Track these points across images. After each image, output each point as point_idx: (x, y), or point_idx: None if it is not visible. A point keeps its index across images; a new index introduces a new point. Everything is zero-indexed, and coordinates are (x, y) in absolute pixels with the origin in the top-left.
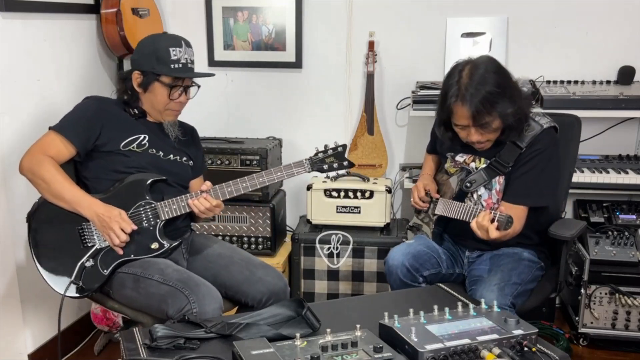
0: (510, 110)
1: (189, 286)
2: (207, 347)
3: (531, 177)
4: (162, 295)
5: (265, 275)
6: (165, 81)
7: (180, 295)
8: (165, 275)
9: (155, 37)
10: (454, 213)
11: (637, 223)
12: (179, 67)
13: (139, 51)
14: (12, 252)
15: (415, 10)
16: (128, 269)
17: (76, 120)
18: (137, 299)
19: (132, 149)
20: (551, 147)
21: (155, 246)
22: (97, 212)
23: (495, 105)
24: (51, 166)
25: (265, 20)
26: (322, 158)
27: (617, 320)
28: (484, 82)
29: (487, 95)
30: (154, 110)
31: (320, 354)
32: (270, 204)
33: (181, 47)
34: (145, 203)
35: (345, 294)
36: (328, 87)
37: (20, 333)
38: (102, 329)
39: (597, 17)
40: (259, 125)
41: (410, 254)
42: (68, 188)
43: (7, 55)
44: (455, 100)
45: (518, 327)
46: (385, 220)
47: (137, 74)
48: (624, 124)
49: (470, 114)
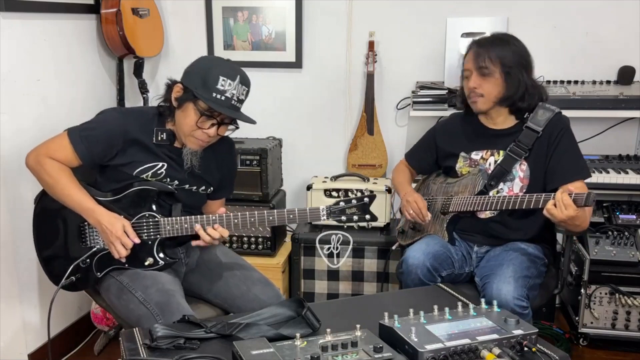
0: (513, 65)
1: (164, 314)
2: (207, 347)
3: (572, 153)
4: (139, 316)
5: (261, 293)
6: (201, 106)
7: (153, 321)
8: (147, 295)
9: (215, 61)
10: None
11: (637, 223)
12: (221, 100)
13: (194, 66)
14: (12, 252)
15: (415, 10)
16: (117, 275)
17: (95, 136)
18: (118, 308)
19: (146, 177)
20: (569, 127)
21: (150, 262)
22: (100, 222)
23: (502, 56)
24: (58, 167)
25: (265, 20)
26: (342, 208)
27: (617, 320)
28: (503, 40)
29: (499, 43)
30: (180, 131)
31: (320, 354)
32: (270, 204)
33: (234, 80)
34: (149, 215)
35: (345, 294)
36: (328, 87)
37: (20, 333)
38: (102, 329)
39: (597, 17)
40: (259, 125)
41: (431, 254)
42: (73, 191)
43: (7, 55)
44: (472, 45)
45: (518, 327)
46: (385, 220)
47: (179, 87)
48: (624, 124)
49: (474, 54)
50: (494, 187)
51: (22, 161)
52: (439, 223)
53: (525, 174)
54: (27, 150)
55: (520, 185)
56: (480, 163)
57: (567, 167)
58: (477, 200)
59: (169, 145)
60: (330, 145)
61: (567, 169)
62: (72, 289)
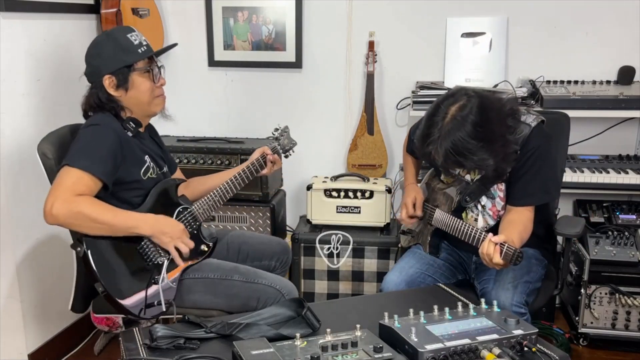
0: (487, 162)
1: (274, 282)
2: (207, 347)
3: (531, 176)
4: (248, 296)
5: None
6: (142, 66)
7: (271, 290)
8: (244, 275)
9: (106, 36)
10: (452, 230)
11: (637, 223)
12: (146, 50)
13: (97, 56)
14: (12, 252)
15: (415, 10)
16: (194, 274)
17: (100, 154)
18: (213, 301)
19: (150, 176)
20: (544, 143)
21: (205, 248)
22: (159, 227)
23: (467, 158)
24: (90, 203)
25: (265, 20)
26: (277, 144)
27: (617, 320)
28: (461, 133)
29: (460, 149)
30: (142, 106)
31: (320, 354)
32: (270, 204)
33: (134, 31)
34: (183, 209)
35: (345, 294)
36: (328, 87)
37: (20, 333)
38: (102, 329)
39: (597, 17)
40: (259, 125)
41: (404, 282)
42: (118, 216)
43: (7, 55)
44: (430, 147)
45: (518, 327)
46: (385, 220)
47: (108, 78)
48: (624, 124)
49: (440, 163)
50: (469, 202)
51: (22, 161)
52: (426, 233)
53: (504, 193)
54: (27, 150)
55: (502, 204)
56: (458, 176)
57: (522, 190)
58: (451, 223)
59: (138, 134)
60: (330, 145)
61: (522, 192)
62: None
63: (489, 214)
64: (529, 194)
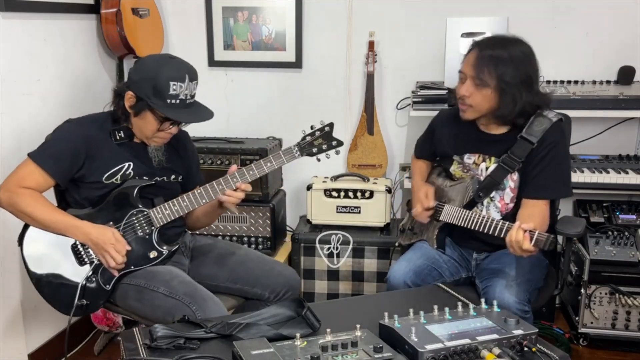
0: (513, 84)
1: (196, 301)
2: (207, 347)
3: (552, 170)
4: (168, 308)
5: (284, 270)
6: (159, 115)
7: (187, 310)
8: (171, 288)
9: (160, 62)
10: (467, 222)
11: (637, 223)
12: (176, 104)
13: (139, 71)
14: (12, 252)
15: (415, 10)
16: (130, 280)
17: (58, 152)
18: (141, 309)
19: (115, 181)
20: (562, 139)
21: (154, 255)
22: (89, 236)
23: (501, 73)
24: (30, 198)
25: (265, 20)
26: (310, 141)
27: (617, 320)
28: (507, 49)
29: (502, 54)
30: (141, 134)
31: (320, 354)
32: (270, 204)
33: (183, 82)
34: (137, 212)
35: (345, 294)
36: (328, 87)
37: (20, 333)
38: (102, 329)
39: (597, 17)
40: (259, 125)
41: (412, 271)
42: (53, 217)
43: (7, 55)
44: (473, 47)
45: (518, 327)
46: (385, 220)
47: (131, 95)
48: (624, 124)
49: (473, 60)
50: (483, 197)
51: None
52: (432, 229)
53: (515, 184)
54: (27, 150)
55: (511, 196)
56: (472, 168)
57: (540, 183)
58: (464, 215)
59: (129, 142)
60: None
61: (540, 185)
62: (85, 311)
63: (496, 207)
64: (549, 187)
